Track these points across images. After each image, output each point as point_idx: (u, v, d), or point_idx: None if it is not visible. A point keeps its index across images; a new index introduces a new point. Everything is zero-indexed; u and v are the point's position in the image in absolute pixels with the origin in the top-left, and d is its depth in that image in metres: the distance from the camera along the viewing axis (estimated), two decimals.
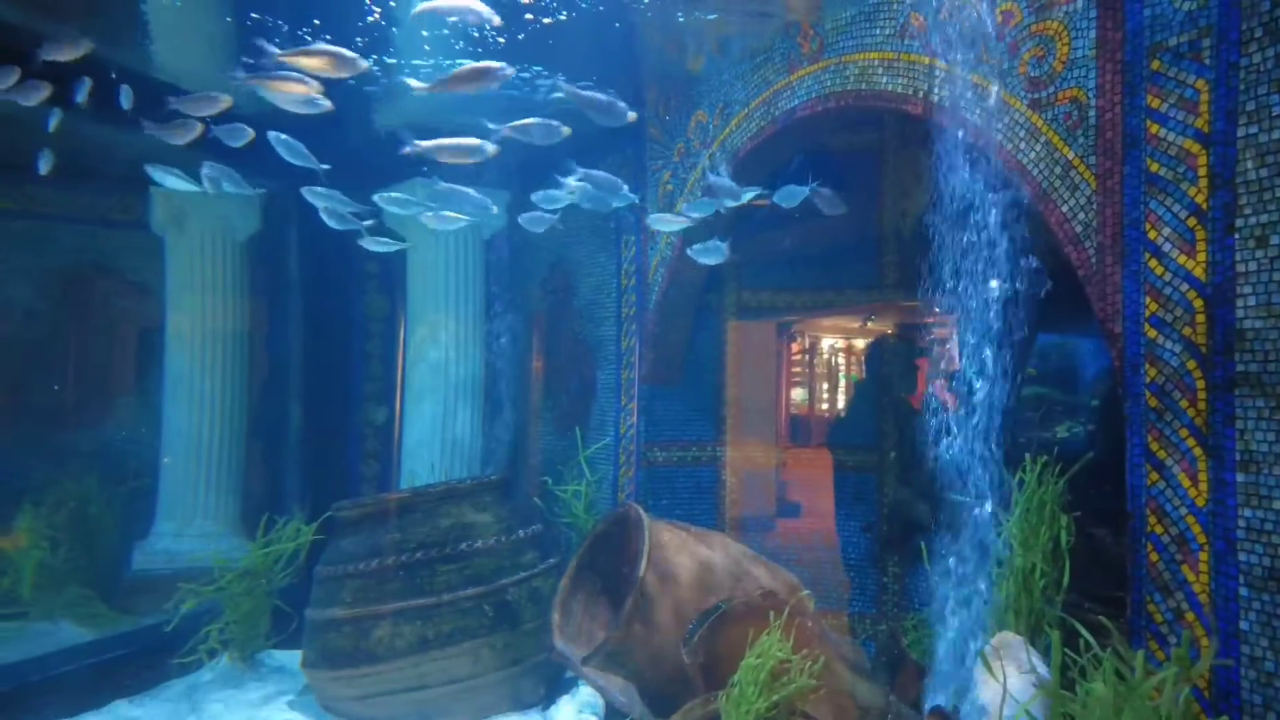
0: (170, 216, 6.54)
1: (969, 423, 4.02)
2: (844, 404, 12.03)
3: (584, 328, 7.02)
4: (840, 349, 13.23)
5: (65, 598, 5.68)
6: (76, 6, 4.91)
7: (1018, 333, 4.01)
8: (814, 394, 13.13)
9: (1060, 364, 5.73)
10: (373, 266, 7.38)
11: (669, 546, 4.57)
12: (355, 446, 7.38)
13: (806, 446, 11.74)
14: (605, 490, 6.50)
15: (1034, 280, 3.88)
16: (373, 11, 5.01)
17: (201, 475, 6.53)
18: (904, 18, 4.16)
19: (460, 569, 4.83)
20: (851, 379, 13.04)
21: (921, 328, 6.79)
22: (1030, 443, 4.83)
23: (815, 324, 11.29)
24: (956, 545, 4.28)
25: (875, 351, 6.75)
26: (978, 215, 3.93)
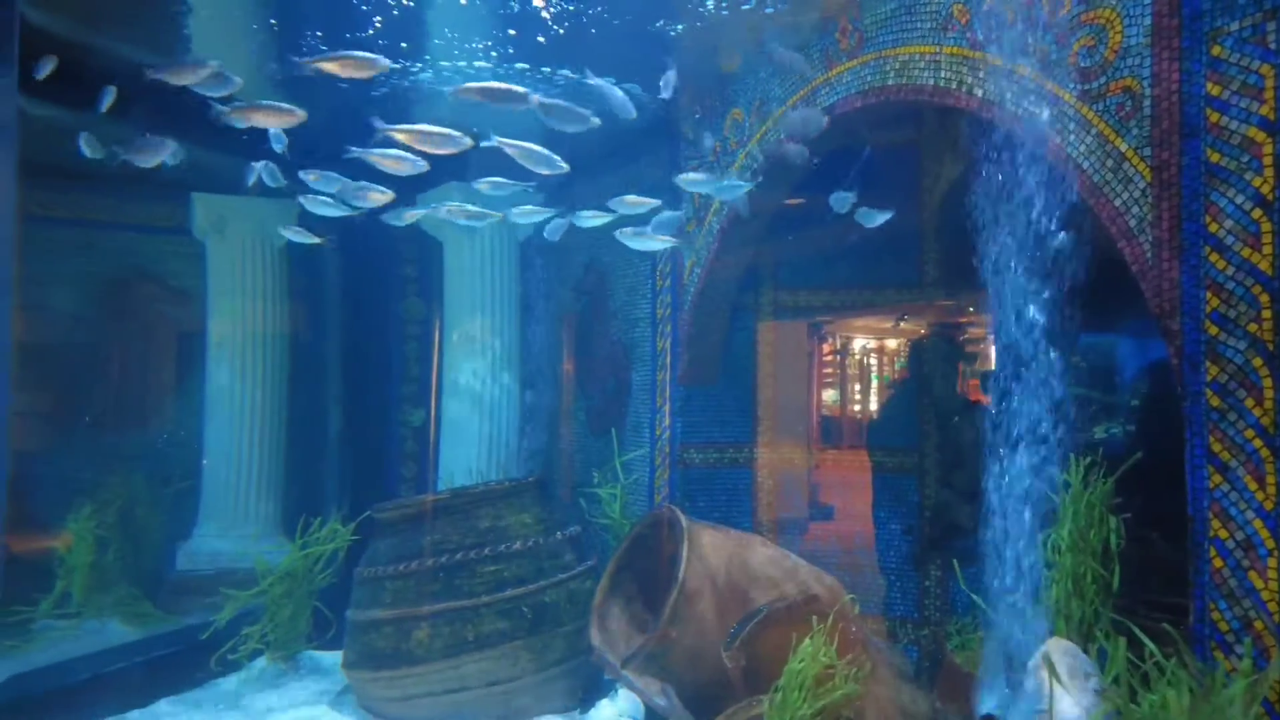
0: (211, 222, 6.65)
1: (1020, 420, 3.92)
2: (883, 404, 11.89)
3: (618, 329, 6.99)
4: (872, 349, 13.09)
5: (114, 596, 5.79)
6: (121, 18, 5.00)
7: (1066, 331, 3.91)
8: (846, 395, 13.01)
9: (1098, 363, 5.60)
10: (410, 270, 7.44)
11: (708, 548, 4.52)
12: (394, 448, 7.43)
13: (838, 448, 11.62)
14: (641, 492, 6.46)
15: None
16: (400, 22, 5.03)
17: (243, 477, 6.62)
18: (947, 10, 4.07)
19: (499, 571, 4.83)
20: (885, 379, 12.91)
21: (962, 326, 6.68)
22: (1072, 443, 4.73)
23: (847, 324, 11.18)
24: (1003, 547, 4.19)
25: (915, 350, 6.64)
26: (1023, 210, 3.84)
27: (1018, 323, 4.00)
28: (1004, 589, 4.17)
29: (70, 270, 6.70)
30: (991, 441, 4.19)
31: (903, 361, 12.48)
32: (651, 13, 4.87)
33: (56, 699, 4.73)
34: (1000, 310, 4.07)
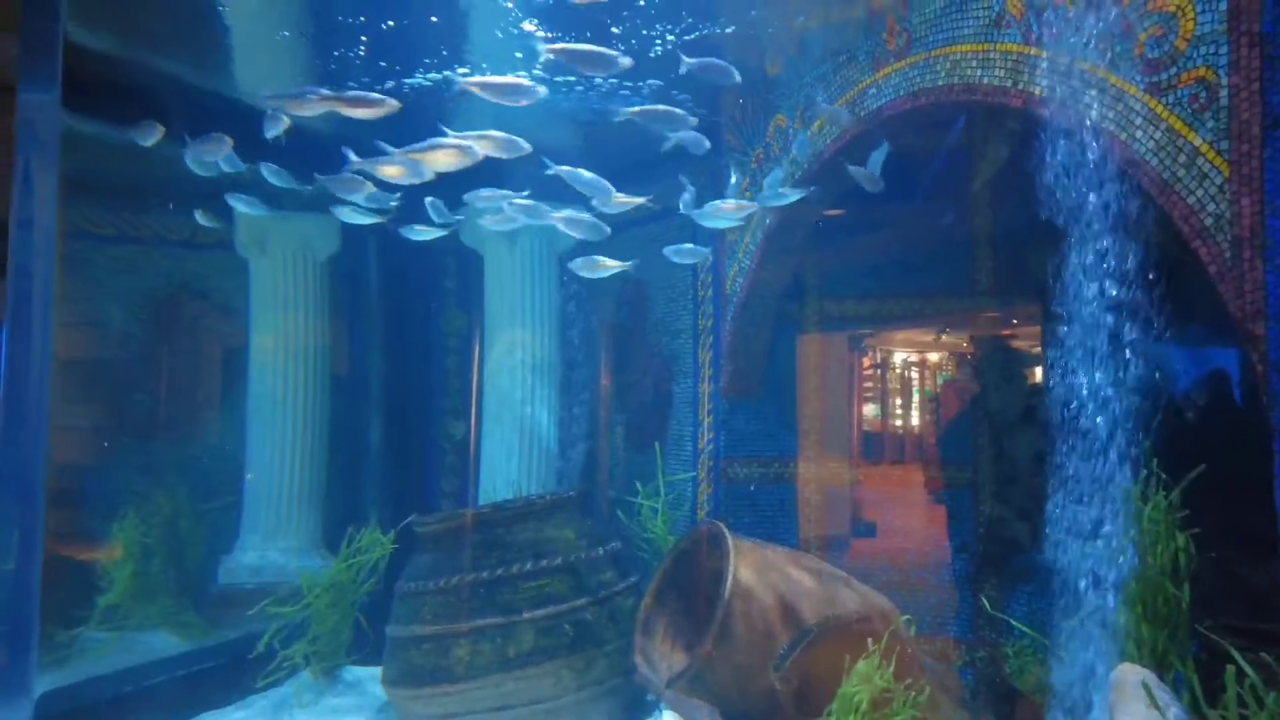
0: (254, 238, 6.71)
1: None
2: (934, 418, 11.63)
3: (659, 340, 6.90)
4: (915, 362, 12.84)
5: (159, 607, 5.82)
6: (162, 34, 5.07)
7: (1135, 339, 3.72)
8: (887, 409, 12.75)
9: (1149, 371, 5.35)
10: (451, 283, 7.44)
11: (754, 565, 4.38)
12: (434, 461, 7.41)
13: (879, 463, 11.38)
14: (683, 507, 6.34)
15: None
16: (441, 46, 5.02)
17: (284, 491, 6.63)
18: (1000, 6, 3.92)
19: (540, 587, 4.73)
20: (927, 393, 12.64)
21: (1016, 335, 6.45)
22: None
23: (888, 337, 10.96)
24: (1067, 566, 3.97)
25: (969, 361, 6.43)
26: (1085, 212, 3.66)
27: (1083, 330, 3.82)
28: (1068, 610, 3.96)
29: (119, 286, 6.81)
30: (1054, 455, 4.00)
31: (945, 375, 12.21)
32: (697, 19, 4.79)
33: (98, 712, 4.74)
34: (1063, 318, 3.89)
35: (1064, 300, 3.91)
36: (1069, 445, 3.91)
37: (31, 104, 2.17)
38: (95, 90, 4.42)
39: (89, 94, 3.82)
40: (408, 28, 5.02)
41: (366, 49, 5.29)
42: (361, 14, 4.89)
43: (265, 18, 4.97)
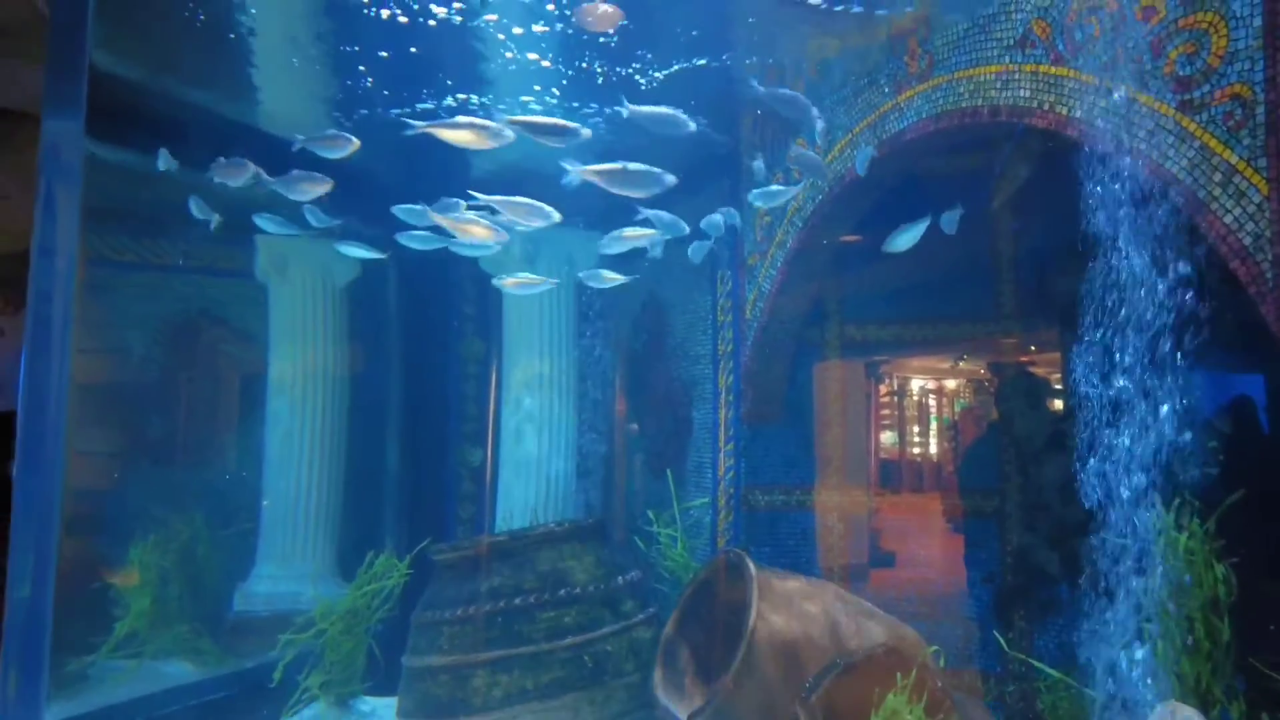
0: (273, 264, 6.74)
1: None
2: (958, 445, 11.50)
3: (678, 366, 6.84)
4: (931, 389, 12.72)
5: (174, 635, 5.77)
6: (188, 63, 5.13)
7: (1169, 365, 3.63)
8: (905, 436, 12.61)
9: (1182, 396, 5.23)
10: (470, 309, 7.44)
11: (779, 596, 4.28)
12: (451, 488, 7.36)
13: (898, 492, 11.23)
14: (702, 535, 6.23)
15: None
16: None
17: (300, 518, 6.60)
18: (1024, 26, 3.89)
19: (559, 617, 4.64)
20: (944, 420, 12.51)
21: (1042, 360, 6.35)
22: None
23: (904, 364, 10.87)
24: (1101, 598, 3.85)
25: (995, 388, 6.32)
26: (1116, 233, 3.59)
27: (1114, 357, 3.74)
28: (1103, 644, 3.83)
29: (140, 312, 6.86)
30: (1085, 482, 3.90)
31: (963, 402, 12.07)
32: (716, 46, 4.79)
33: None
34: (1093, 344, 3.81)
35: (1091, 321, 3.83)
36: (1104, 474, 3.81)
37: (55, 131, 2.17)
38: (119, 117, 4.47)
39: (113, 121, 3.85)
40: (419, 58, 5.05)
41: (380, 78, 5.32)
42: (376, 47, 4.93)
43: (285, 47, 5.02)
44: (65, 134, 2.15)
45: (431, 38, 4.75)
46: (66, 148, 2.16)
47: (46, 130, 2.18)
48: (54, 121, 2.17)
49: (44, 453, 2.11)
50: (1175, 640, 3.43)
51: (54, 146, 2.18)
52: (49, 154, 2.20)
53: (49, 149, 2.19)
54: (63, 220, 2.18)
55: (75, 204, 2.16)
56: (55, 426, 2.13)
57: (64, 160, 2.17)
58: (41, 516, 2.10)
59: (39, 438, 2.11)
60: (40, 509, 2.09)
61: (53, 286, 2.16)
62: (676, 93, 5.27)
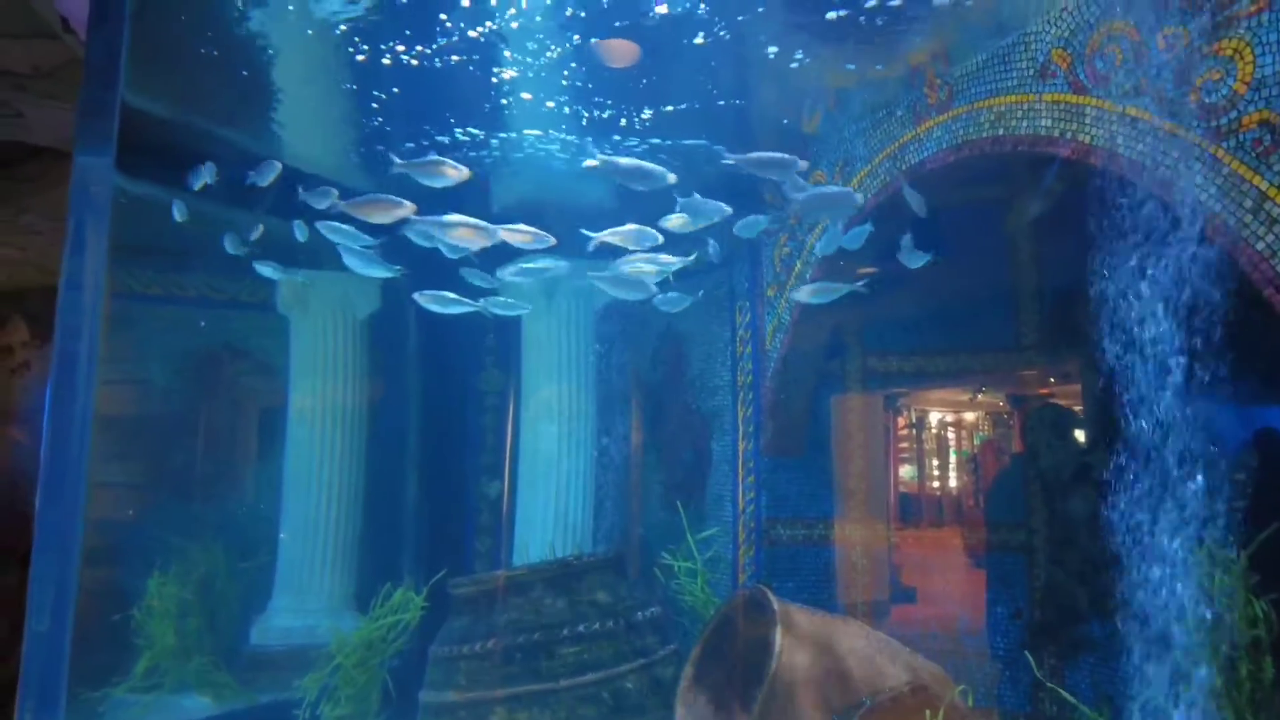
0: (295, 297, 6.80)
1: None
2: (983, 478, 11.35)
3: (697, 398, 6.80)
4: (950, 422, 12.59)
5: (193, 667, 5.73)
6: (215, 100, 5.23)
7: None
8: (925, 470, 12.46)
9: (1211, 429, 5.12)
10: (490, 340, 7.45)
11: (802, 633, 4.20)
12: (469, 521, 7.31)
13: (919, 526, 11.07)
14: (722, 569, 6.13)
15: None
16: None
17: (318, 551, 6.57)
18: (1044, 56, 3.88)
19: (578, 653, 4.58)
20: (962, 454, 12.37)
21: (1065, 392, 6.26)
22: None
23: (923, 396, 10.77)
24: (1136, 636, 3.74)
25: (1020, 420, 6.23)
26: (1143, 261, 3.55)
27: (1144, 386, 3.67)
28: (1140, 682, 3.71)
29: (163, 345, 6.93)
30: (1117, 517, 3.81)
31: (983, 434, 11.92)
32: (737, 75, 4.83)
33: None
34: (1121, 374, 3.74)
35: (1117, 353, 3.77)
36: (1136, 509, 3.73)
37: (86, 168, 2.20)
38: (146, 153, 4.54)
39: (140, 157, 3.91)
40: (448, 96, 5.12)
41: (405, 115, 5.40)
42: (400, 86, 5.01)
43: (311, 84, 5.11)
44: (95, 170, 2.18)
45: (448, 77, 4.82)
46: (96, 184, 2.19)
47: (78, 166, 2.21)
48: (85, 158, 2.20)
49: (66, 486, 2.11)
50: (1216, 679, 3.32)
51: (84, 183, 2.21)
52: (79, 190, 2.23)
53: (79, 185, 2.21)
54: (91, 256, 2.20)
55: (103, 240, 2.18)
56: (78, 460, 2.13)
57: (93, 196, 2.20)
58: (62, 549, 2.09)
59: (61, 471, 2.11)
60: (61, 542, 2.08)
61: (80, 322, 2.17)
62: (693, 121, 5.30)
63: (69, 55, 4.62)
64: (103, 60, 2.20)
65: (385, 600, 5.27)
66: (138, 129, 2.58)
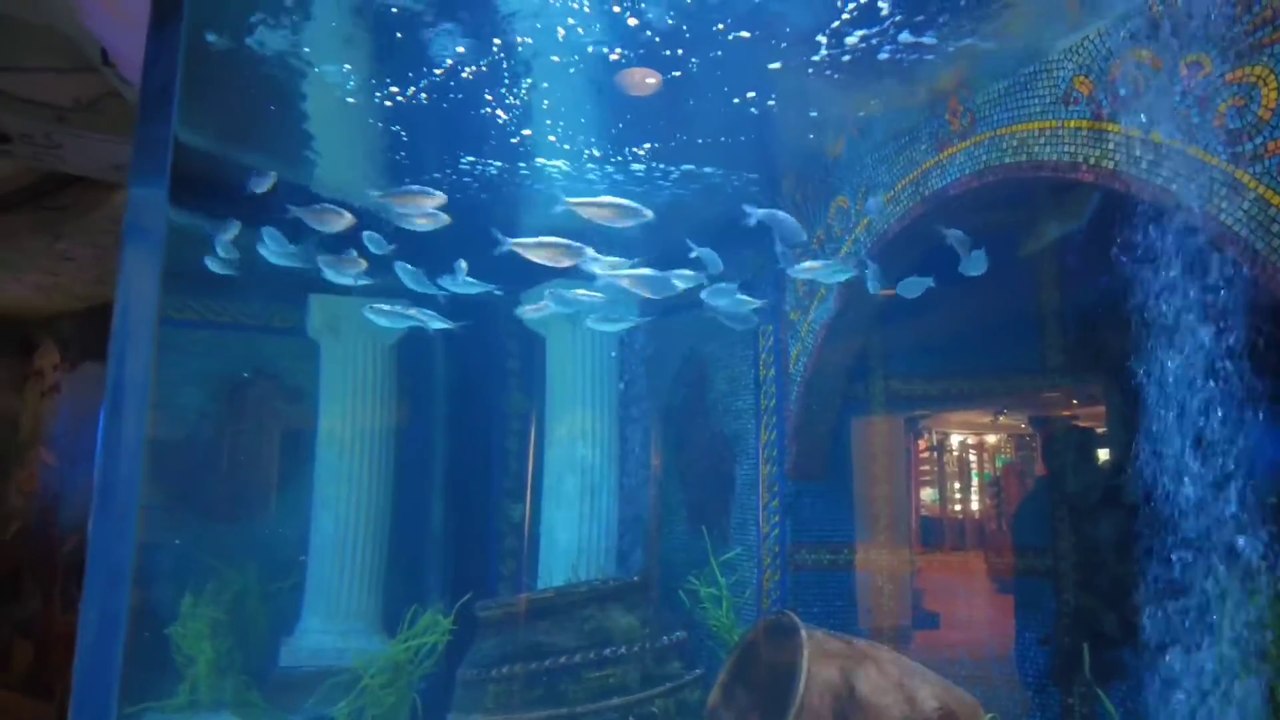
0: (326, 323, 6.92)
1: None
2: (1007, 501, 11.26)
3: (720, 421, 6.81)
4: (971, 445, 12.48)
5: (228, 686, 5.78)
6: (253, 134, 5.38)
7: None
8: (946, 493, 12.34)
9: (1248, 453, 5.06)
10: (514, 364, 7.53)
11: (830, 659, 4.18)
12: (494, 544, 7.34)
13: (940, 550, 10.95)
14: (748, 595, 6.11)
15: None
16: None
17: (346, 573, 6.63)
18: (1066, 84, 3.93)
19: (605, 677, 4.58)
20: (985, 477, 12.25)
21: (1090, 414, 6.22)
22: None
23: (944, 419, 10.71)
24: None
25: (1045, 442, 6.20)
26: (1169, 284, 3.56)
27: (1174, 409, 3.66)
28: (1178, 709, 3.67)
29: (197, 369, 7.06)
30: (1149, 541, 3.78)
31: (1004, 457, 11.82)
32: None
33: None
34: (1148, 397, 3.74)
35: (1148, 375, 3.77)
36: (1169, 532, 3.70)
37: (141, 200, 2.28)
38: (183, 182, 4.67)
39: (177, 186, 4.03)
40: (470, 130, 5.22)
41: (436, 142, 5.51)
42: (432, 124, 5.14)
43: (343, 118, 5.23)
44: (149, 202, 2.27)
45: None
46: (150, 216, 2.27)
47: (133, 198, 2.29)
48: (140, 190, 2.29)
49: (118, 510, 2.18)
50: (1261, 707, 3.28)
51: (138, 215, 2.29)
52: (133, 222, 2.31)
53: (133, 217, 2.30)
54: (144, 287, 2.27)
55: (157, 268, 2.26)
56: (129, 485, 2.20)
57: (147, 228, 2.28)
58: (113, 572, 2.15)
59: (113, 496, 2.18)
60: (113, 566, 2.14)
61: (132, 350, 2.25)
62: (718, 150, 5.38)
63: (107, 87, 4.76)
64: (158, 90, 2.29)
65: (413, 623, 5.30)
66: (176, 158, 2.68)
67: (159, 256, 2.30)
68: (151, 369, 2.30)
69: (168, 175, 2.28)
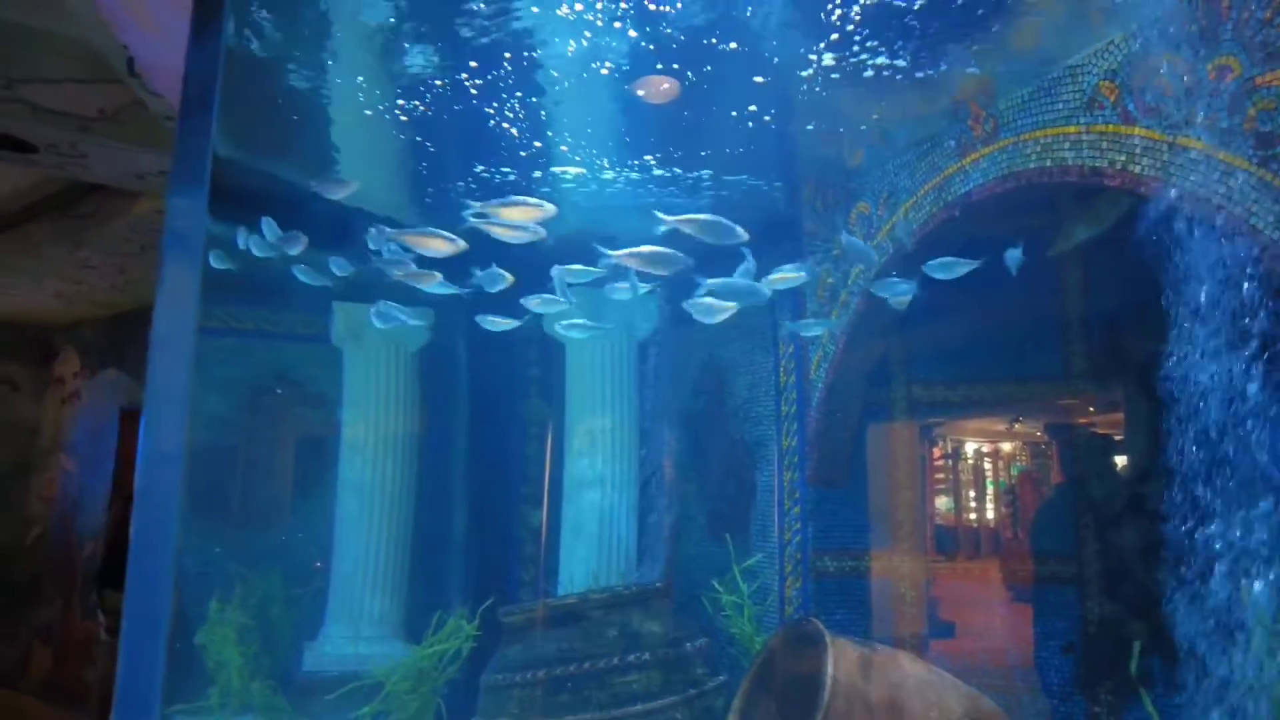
0: (349, 330, 6.98)
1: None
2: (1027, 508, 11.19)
3: (740, 428, 6.81)
4: (986, 452, 12.43)
5: (254, 690, 5.82)
6: (281, 143, 5.44)
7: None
8: (964, 500, 12.28)
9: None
10: (534, 371, 7.56)
11: (854, 667, 4.17)
12: (514, 550, 7.36)
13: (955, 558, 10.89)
14: (769, 602, 6.10)
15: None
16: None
17: (370, 579, 6.66)
18: (1091, 88, 3.92)
19: (629, 683, 4.59)
20: (1000, 485, 12.19)
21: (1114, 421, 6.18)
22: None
23: (959, 426, 10.65)
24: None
25: (1068, 449, 6.16)
26: (1197, 288, 3.54)
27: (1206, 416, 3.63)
28: None
29: (221, 376, 7.12)
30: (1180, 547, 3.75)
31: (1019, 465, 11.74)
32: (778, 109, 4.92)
33: None
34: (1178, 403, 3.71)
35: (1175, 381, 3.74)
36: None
37: (180, 209, 2.32)
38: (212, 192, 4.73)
39: None
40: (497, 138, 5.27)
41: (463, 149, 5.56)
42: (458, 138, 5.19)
43: (369, 128, 5.29)
44: (189, 211, 2.30)
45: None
46: (189, 225, 2.31)
47: (172, 208, 2.34)
48: (179, 199, 2.33)
49: (159, 518, 2.21)
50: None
51: (177, 223, 2.33)
52: (173, 231, 2.35)
53: (173, 225, 2.34)
54: (183, 295, 2.31)
55: (196, 277, 2.30)
56: (171, 493, 2.23)
57: (187, 237, 2.32)
58: (155, 578, 2.18)
59: (155, 502, 2.21)
60: (155, 575, 2.18)
61: (172, 357, 2.29)
62: (741, 158, 5.40)
63: (131, 97, 4.84)
64: (197, 104, 2.33)
65: (438, 628, 5.32)
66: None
67: (198, 265, 2.34)
68: (191, 376, 2.34)
69: (207, 184, 2.32)
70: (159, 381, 2.26)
